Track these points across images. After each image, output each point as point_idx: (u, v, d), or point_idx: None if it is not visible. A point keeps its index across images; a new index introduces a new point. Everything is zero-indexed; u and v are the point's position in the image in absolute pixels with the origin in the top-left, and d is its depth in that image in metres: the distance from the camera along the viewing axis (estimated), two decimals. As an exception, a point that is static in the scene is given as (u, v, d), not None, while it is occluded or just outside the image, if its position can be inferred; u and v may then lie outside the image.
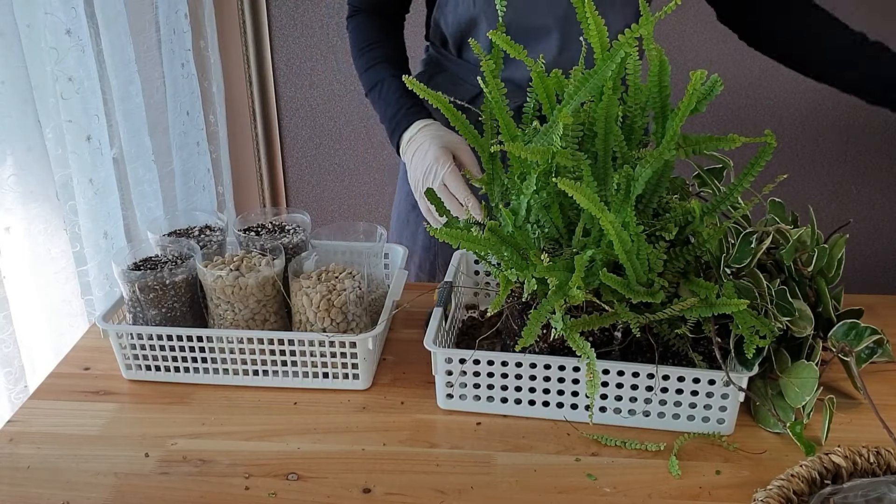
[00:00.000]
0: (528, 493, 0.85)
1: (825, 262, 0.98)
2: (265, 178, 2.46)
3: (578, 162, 0.82)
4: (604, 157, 0.86)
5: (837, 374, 1.02)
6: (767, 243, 0.92)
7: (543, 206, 0.87)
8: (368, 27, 1.28)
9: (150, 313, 1.05)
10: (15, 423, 0.99)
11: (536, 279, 0.84)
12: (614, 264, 0.85)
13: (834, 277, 0.99)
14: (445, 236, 0.83)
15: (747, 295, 0.89)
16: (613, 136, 0.85)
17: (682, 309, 0.83)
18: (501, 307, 0.88)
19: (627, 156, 0.86)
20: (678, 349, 0.94)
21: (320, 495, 0.86)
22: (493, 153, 0.94)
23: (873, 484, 0.76)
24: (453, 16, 1.22)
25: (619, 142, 0.86)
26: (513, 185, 0.91)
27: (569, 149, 0.83)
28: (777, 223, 1.02)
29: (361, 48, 1.27)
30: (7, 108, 1.28)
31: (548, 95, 0.89)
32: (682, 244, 0.89)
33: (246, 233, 1.14)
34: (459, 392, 0.99)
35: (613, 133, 0.84)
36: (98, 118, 1.53)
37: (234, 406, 1.02)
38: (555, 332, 0.85)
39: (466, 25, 1.22)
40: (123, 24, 1.62)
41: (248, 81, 2.32)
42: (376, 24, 1.28)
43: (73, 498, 0.86)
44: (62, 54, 1.41)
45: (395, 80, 1.21)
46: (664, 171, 0.86)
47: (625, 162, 0.85)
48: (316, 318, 1.02)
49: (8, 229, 1.33)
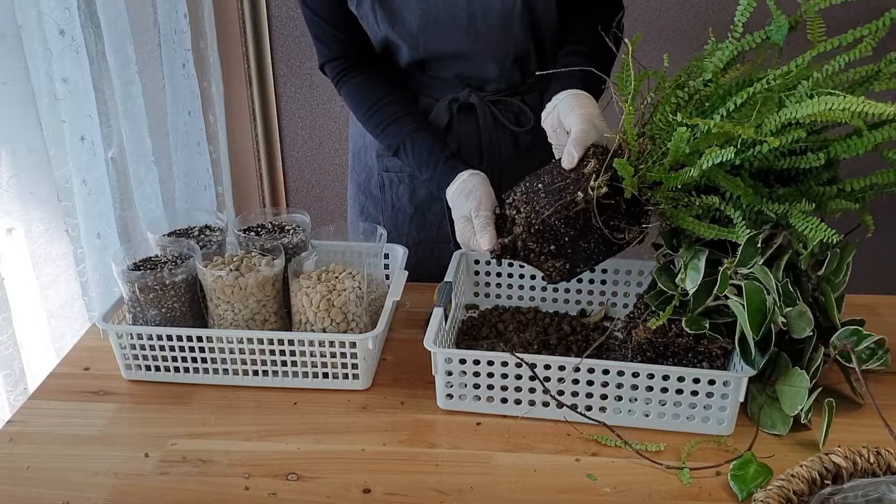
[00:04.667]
0: (528, 493, 0.85)
1: (834, 267, 0.98)
2: (265, 178, 2.46)
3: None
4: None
5: (838, 376, 1.02)
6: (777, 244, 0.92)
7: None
8: (363, 89, 1.23)
9: (150, 313, 1.05)
10: (15, 424, 0.99)
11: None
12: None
13: (840, 283, 0.99)
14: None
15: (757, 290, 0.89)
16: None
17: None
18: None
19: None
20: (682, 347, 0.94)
21: (320, 495, 0.86)
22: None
23: (873, 484, 0.76)
24: (370, 32, 1.20)
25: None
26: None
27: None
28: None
29: (366, 112, 1.23)
30: (7, 108, 1.28)
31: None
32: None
33: (246, 233, 1.14)
34: (459, 392, 0.98)
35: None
36: (91, 118, 1.52)
37: (234, 406, 1.02)
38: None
39: (385, 42, 1.21)
40: (124, 25, 1.62)
41: (248, 81, 2.32)
42: (369, 81, 1.23)
43: (73, 498, 0.86)
44: (57, 55, 1.41)
45: (414, 138, 1.18)
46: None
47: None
48: (316, 318, 1.02)
49: (10, 231, 1.32)
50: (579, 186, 0.91)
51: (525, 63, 1.22)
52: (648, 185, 0.90)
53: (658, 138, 0.90)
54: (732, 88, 0.90)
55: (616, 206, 0.91)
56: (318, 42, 1.25)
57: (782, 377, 0.94)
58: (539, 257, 0.95)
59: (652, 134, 0.91)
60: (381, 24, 1.16)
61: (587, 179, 0.91)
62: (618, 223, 0.92)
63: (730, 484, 0.85)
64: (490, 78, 1.23)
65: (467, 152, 1.26)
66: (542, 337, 1.11)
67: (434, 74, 1.23)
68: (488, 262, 1.22)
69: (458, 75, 1.22)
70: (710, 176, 0.87)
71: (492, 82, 1.23)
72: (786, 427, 0.93)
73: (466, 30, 1.16)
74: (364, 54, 1.25)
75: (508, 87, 1.24)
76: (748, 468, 0.85)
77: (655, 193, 0.90)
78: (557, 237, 0.92)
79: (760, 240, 0.88)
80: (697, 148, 0.85)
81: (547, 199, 0.92)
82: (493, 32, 1.16)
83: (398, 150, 1.20)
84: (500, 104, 1.25)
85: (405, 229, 1.36)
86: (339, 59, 1.25)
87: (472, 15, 1.15)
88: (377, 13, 1.15)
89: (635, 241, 0.94)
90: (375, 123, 1.22)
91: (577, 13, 1.19)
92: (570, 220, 0.91)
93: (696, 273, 0.91)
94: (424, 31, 1.16)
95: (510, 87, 1.24)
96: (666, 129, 0.90)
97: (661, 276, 0.97)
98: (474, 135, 1.26)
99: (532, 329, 1.13)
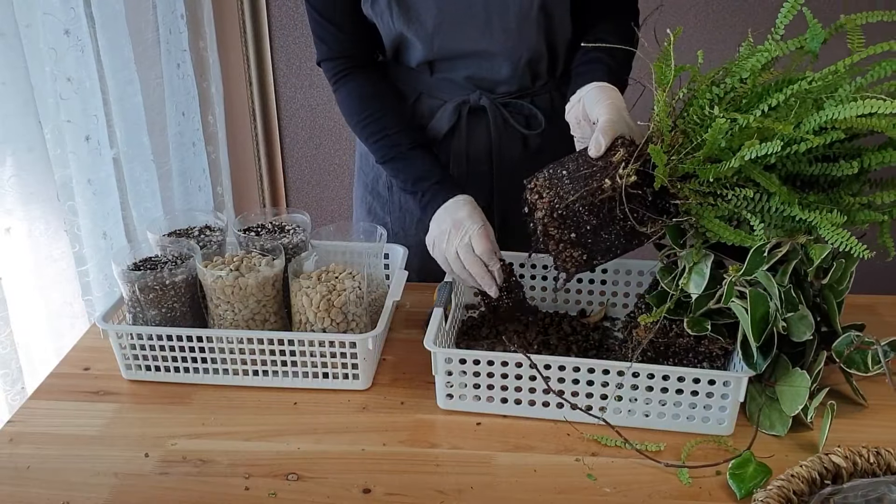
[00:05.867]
0: (528, 493, 0.85)
1: (839, 276, 0.98)
2: (265, 178, 2.46)
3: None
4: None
5: (838, 376, 1.02)
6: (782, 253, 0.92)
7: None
8: (359, 96, 1.23)
9: (150, 313, 1.05)
10: (15, 424, 0.99)
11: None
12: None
13: (843, 290, 0.99)
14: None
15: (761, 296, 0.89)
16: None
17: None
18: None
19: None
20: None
21: (320, 495, 0.86)
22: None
23: (873, 484, 0.76)
24: (383, 31, 1.20)
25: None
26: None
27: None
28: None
29: (359, 121, 1.22)
30: (8, 108, 1.28)
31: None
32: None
33: (246, 233, 1.14)
34: (459, 392, 0.98)
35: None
36: (97, 118, 1.53)
37: (234, 406, 1.02)
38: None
39: (398, 39, 1.21)
40: (122, 24, 1.62)
41: (248, 81, 2.32)
42: (366, 90, 1.23)
43: (73, 498, 0.86)
44: (61, 54, 1.41)
45: (409, 155, 1.18)
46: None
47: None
48: (316, 318, 1.02)
49: (8, 230, 1.32)
50: (606, 174, 0.90)
51: (537, 65, 1.23)
52: (679, 177, 0.89)
53: (692, 132, 0.90)
54: (770, 88, 0.90)
55: (642, 197, 0.90)
56: (319, 40, 1.25)
57: (782, 378, 0.94)
58: (558, 245, 0.94)
59: (685, 128, 0.91)
60: (396, 22, 1.16)
61: (615, 168, 0.89)
62: (641, 215, 0.91)
63: (728, 483, 0.85)
64: (502, 80, 1.23)
65: (476, 155, 1.27)
66: (542, 337, 1.11)
67: (444, 76, 1.23)
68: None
69: (470, 77, 1.22)
70: (746, 172, 0.86)
71: (503, 84, 1.23)
72: (784, 428, 0.93)
73: (482, 30, 1.16)
74: (365, 57, 1.25)
75: (519, 90, 1.24)
76: (747, 467, 0.85)
77: (685, 187, 0.89)
78: (580, 224, 0.91)
79: (767, 249, 0.88)
80: (732, 145, 0.85)
81: (572, 185, 0.91)
82: (508, 33, 1.17)
83: (387, 162, 1.21)
84: (511, 106, 1.25)
85: (413, 230, 1.36)
86: (338, 59, 1.24)
87: (488, 15, 1.15)
88: (393, 10, 1.15)
89: (655, 236, 0.93)
90: (369, 133, 1.22)
91: (595, 16, 1.20)
92: (595, 207, 0.90)
93: (701, 279, 0.91)
94: (440, 30, 1.16)
95: (521, 89, 1.24)
96: (700, 124, 0.89)
97: (665, 277, 0.97)
98: (484, 137, 1.26)
99: (532, 329, 1.13)
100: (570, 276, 0.98)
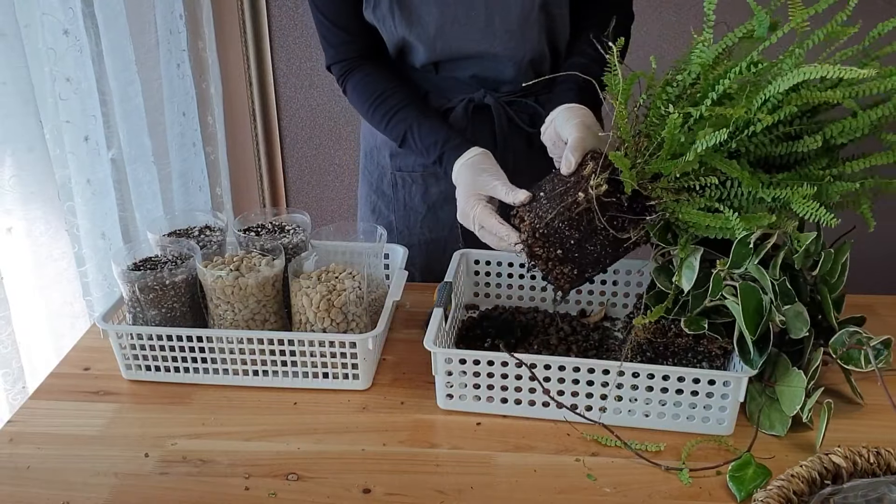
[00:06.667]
0: (528, 493, 0.85)
1: (829, 267, 0.98)
2: (265, 178, 2.46)
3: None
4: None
5: (838, 376, 1.02)
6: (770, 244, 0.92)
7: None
8: (366, 83, 1.23)
9: (150, 313, 1.05)
10: (15, 424, 0.99)
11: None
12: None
13: (837, 284, 0.99)
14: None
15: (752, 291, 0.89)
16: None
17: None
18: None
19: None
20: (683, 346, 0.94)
21: (320, 495, 0.86)
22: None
23: (873, 484, 0.76)
24: (386, 35, 1.21)
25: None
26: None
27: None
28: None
29: (370, 106, 1.23)
30: (8, 108, 1.28)
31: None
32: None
33: (246, 233, 1.14)
34: (459, 392, 0.98)
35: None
36: (95, 119, 1.53)
37: (234, 406, 1.02)
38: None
39: (401, 43, 1.21)
40: (123, 25, 1.62)
41: (248, 82, 2.32)
42: (373, 76, 1.23)
43: (72, 498, 0.86)
44: (60, 55, 1.41)
45: (419, 124, 1.18)
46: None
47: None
48: (316, 318, 1.02)
49: (9, 230, 1.32)
50: (579, 188, 0.91)
51: (539, 65, 1.23)
52: (648, 178, 0.91)
53: (654, 133, 0.91)
54: (720, 77, 0.91)
55: (618, 203, 0.91)
56: (327, 44, 1.25)
57: (782, 378, 0.94)
58: (546, 264, 0.95)
59: (647, 131, 0.92)
60: (398, 27, 1.17)
61: (587, 180, 0.91)
62: (621, 222, 0.92)
63: (728, 485, 0.85)
64: (506, 79, 1.23)
65: None
66: (542, 337, 1.11)
67: (449, 75, 1.24)
68: (488, 262, 1.22)
69: (474, 76, 1.23)
70: (708, 161, 0.87)
71: (507, 83, 1.24)
72: (784, 428, 0.93)
73: (484, 32, 1.17)
74: (371, 56, 1.25)
75: (523, 88, 1.24)
76: (747, 469, 0.85)
77: (656, 187, 0.90)
78: (563, 240, 0.93)
79: (752, 240, 0.88)
80: (693, 138, 0.86)
81: (549, 204, 0.93)
82: (510, 34, 1.17)
83: (405, 138, 1.20)
84: (515, 105, 1.26)
85: (417, 229, 1.36)
86: (346, 61, 1.25)
87: (490, 17, 1.15)
88: (395, 15, 1.15)
89: (641, 241, 0.94)
90: (381, 115, 1.22)
91: (588, 21, 1.20)
92: (574, 221, 0.91)
93: (691, 272, 0.91)
94: (442, 32, 1.17)
95: (525, 88, 1.25)
96: (660, 124, 0.91)
97: (660, 277, 0.97)
98: (489, 135, 1.26)
99: (532, 329, 1.13)
100: (566, 293, 1.00)
